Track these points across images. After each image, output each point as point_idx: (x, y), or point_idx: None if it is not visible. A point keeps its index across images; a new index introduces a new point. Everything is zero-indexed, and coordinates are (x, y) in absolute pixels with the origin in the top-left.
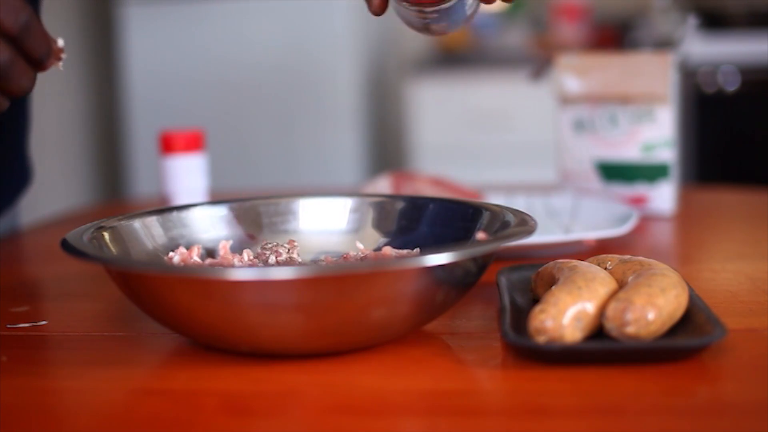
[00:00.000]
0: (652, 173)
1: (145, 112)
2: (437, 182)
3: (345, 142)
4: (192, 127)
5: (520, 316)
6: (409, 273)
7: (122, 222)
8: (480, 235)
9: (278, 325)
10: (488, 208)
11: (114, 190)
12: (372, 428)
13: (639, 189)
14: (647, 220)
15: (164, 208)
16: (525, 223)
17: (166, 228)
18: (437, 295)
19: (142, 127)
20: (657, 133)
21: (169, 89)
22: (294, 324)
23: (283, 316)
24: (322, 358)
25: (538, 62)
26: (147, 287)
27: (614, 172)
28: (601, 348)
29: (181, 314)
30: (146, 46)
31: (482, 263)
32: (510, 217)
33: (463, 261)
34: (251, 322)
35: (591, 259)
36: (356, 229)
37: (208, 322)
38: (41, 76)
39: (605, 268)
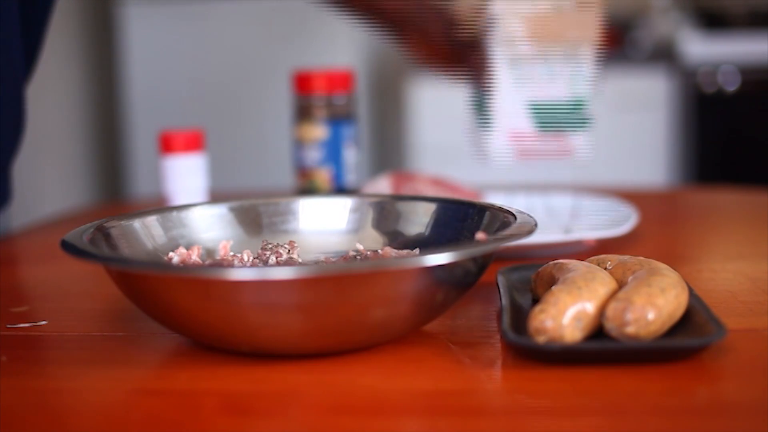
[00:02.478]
0: (575, 123)
1: (144, 112)
2: (437, 182)
3: None
4: (192, 127)
5: (520, 316)
6: (409, 273)
7: (122, 222)
8: (480, 235)
9: (278, 325)
10: (488, 208)
11: (114, 190)
12: (372, 428)
13: (563, 136)
14: (645, 221)
15: (164, 208)
16: (525, 223)
17: (166, 228)
18: (437, 295)
19: (141, 127)
20: (581, 70)
21: (169, 89)
22: (294, 324)
23: (283, 316)
24: (322, 358)
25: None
26: (147, 287)
27: (544, 113)
28: (601, 348)
29: (181, 314)
30: (146, 46)
31: (482, 263)
32: (510, 217)
33: (463, 261)
34: (251, 322)
35: (591, 259)
36: (356, 229)
37: (208, 322)
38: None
39: (605, 268)
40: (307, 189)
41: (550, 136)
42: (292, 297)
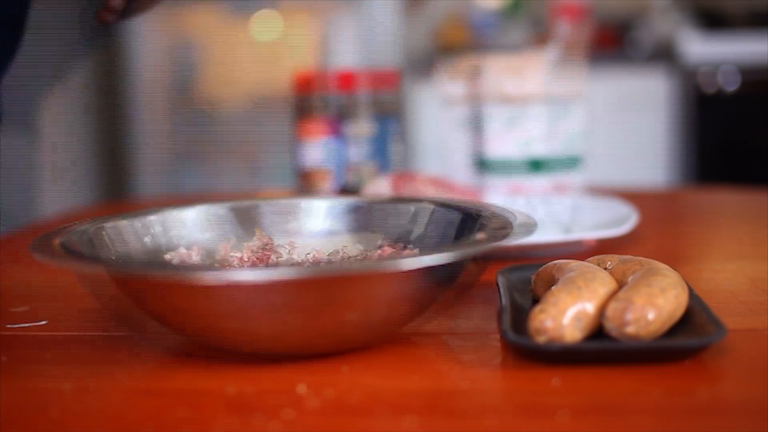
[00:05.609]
0: (530, 167)
1: (148, 112)
2: (437, 182)
3: None
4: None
5: (520, 316)
6: (406, 274)
7: (121, 221)
8: (479, 236)
9: (272, 326)
10: (488, 208)
11: (117, 190)
12: (372, 428)
13: (515, 180)
14: (645, 221)
15: (162, 208)
16: (525, 224)
17: (165, 228)
18: (433, 295)
19: (146, 128)
20: (532, 130)
21: (174, 89)
22: (292, 325)
23: (281, 316)
24: (322, 358)
25: None
26: (145, 290)
27: (541, 164)
28: (601, 348)
29: (179, 316)
30: (152, 45)
31: (481, 263)
32: (510, 217)
33: (461, 261)
34: (250, 323)
35: (591, 259)
36: (355, 230)
37: (206, 323)
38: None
39: (605, 268)
40: (355, 184)
41: (545, 177)
42: (292, 298)
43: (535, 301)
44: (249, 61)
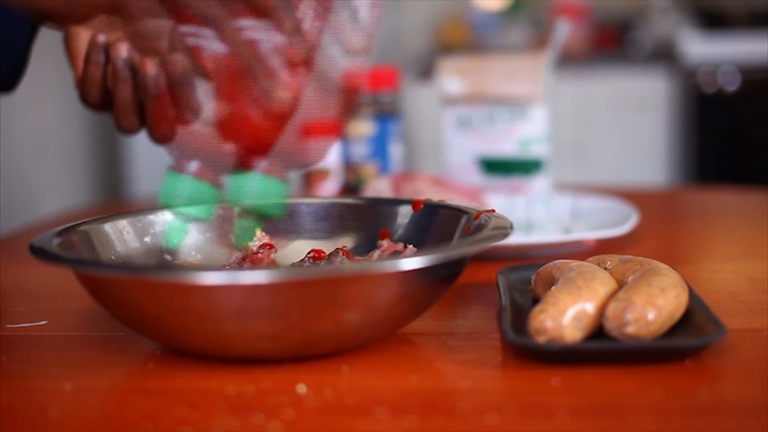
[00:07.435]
0: (527, 167)
1: None
2: (437, 182)
3: None
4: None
5: (520, 316)
6: (406, 274)
7: (116, 222)
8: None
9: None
10: (465, 210)
11: (114, 189)
12: (372, 428)
13: (515, 181)
14: (645, 221)
15: (162, 208)
16: (501, 227)
17: (165, 228)
18: (432, 295)
19: None
20: (531, 130)
21: None
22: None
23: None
24: (321, 358)
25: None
26: (143, 291)
27: (494, 167)
28: (601, 348)
29: (179, 317)
30: None
31: (460, 264)
32: (488, 220)
33: (460, 260)
34: (250, 323)
35: (591, 259)
36: (354, 230)
37: (206, 325)
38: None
39: (605, 268)
40: (355, 183)
41: (500, 180)
42: (287, 297)
43: (535, 301)
44: None
